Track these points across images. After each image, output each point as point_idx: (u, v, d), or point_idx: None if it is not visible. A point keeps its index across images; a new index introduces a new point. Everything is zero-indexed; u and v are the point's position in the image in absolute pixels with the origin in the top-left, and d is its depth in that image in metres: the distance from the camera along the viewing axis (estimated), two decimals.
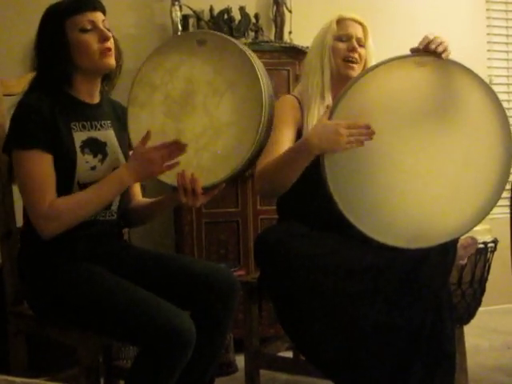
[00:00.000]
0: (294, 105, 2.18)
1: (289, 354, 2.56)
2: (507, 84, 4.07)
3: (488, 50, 3.97)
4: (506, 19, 4.05)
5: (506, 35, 4.05)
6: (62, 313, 1.76)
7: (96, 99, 1.89)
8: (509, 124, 1.88)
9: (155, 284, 1.81)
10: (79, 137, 1.80)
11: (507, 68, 4.06)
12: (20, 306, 1.94)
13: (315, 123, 2.01)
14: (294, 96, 2.22)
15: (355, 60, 2.15)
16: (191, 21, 3.17)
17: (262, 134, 1.73)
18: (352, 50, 2.15)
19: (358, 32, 2.18)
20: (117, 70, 1.89)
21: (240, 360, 2.45)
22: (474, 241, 2.12)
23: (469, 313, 2.25)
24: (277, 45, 3.23)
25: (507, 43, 4.06)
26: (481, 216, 1.89)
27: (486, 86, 1.86)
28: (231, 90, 1.75)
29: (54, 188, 1.74)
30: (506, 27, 4.05)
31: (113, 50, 1.81)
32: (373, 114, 1.82)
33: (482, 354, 2.96)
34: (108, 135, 1.87)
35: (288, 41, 3.30)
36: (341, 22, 2.19)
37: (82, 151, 1.79)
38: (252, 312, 2.25)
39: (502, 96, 3.94)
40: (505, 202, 3.75)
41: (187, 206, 1.78)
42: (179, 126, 1.77)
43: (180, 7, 3.14)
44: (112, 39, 1.81)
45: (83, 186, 1.77)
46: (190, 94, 1.78)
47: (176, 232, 3.20)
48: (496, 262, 2.32)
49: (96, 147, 1.82)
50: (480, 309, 2.31)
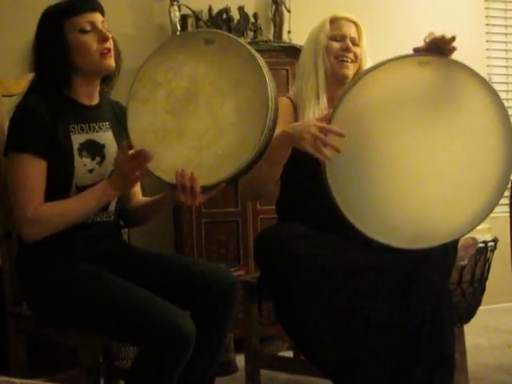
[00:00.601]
0: (287, 108, 2.15)
1: (289, 354, 2.56)
2: (506, 83, 4.07)
3: (487, 49, 3.97)
4: (505, 18, 4.06)
5: (505, 34, 4.05)
6: (62, 313, 1.76)
7: (95, 100, 1.88)
8: (509, 123, 1.87)
9: (155, 284, 1.81)
10: (77, 139, 1.79)
11: (506, 67, 4.07)
12: (19, 307, 1.94)
13: None
14: (289, 98, 2.20)
15: (350, 59, 2.14)
16: (190, 21, 3.17)
17: (266, 136, 1.71)
18: (346, 50, 2.13)
19: (352, 31, 2.17)
20: (116, 71, 1.89)
21: (240, 360, 2.45)
22: (475, 241, 2.12)
23: (469, 312, 2.25)
24: (276, 44, 3.23)
25: (506, 42, 4.06)
26: (482, 216, 1.88)
27: (488, 86, 1.85)
28: (236, 91, 1.73)
29: (42, 193, 1.74)
30: (505, 26, 4.05)
31: (112, 51, 1.81)
32: (374, 114, 1.81)
33: (483, 353, 2.96)
34: (106, 137, 1.87)
35: (287, 40, 3.30)
36: (334, 22, 2.18)
37: (80, 154, 1.78)
38: (252, 311, 2.25)
39: (501, 95, 3.89)
40: (505, 201, 3.76)
41: (185, 205, 1.78)
42: (181, 124, 1.75)
43: (179, 7, 3.15)
44: (111, 40, 1.80)
45: (81, 189, 1.77)
46: (194, 93, 1.75)
47: (175, 232, 3.20)
48: (496, 261, 2.32)
49: (94, 149, 1.82)
50: (480, 308, 2.31)
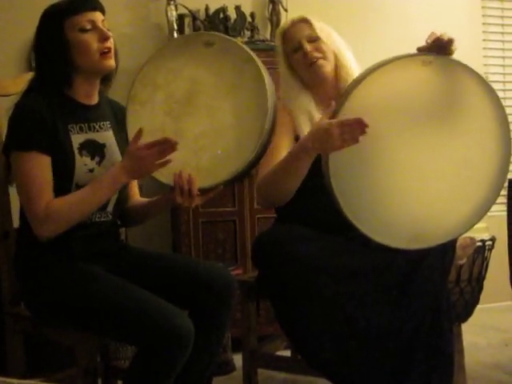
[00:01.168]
0: (287, 120, 2.11)
1: (287, 353, 2.56)
2: (503, 82, 4.07)
3: (484, 48, 3.97)
4: (502, 17, 4.06)
5: (502, 33, 4.06)
6: (59, 313, 1.75)
7: (94, 100, 1.88)
8: (508, 123, 1.88)
9: (153, 283, 1.81)
10: (77, 139, 1.79)
11: (503, 66, 4.07)
12: (17, 307, 1.94)
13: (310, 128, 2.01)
14: (284, 106, 2.15)
15: (315, 58, 2.09)
16: (187, 20, 3.16)
17: (265, 139, 1.71)
18: (306, 56, 2.09)
19: (304, 31, 2.12)
20: (112, 72, 1.89)
21: (238, 359, 2.44)
22: (473, 241, 2.12)
23: (467, 311, 2.25)
24: (273, 44, 3.21)
25: (503, 41, 4.06)
26: (479, 215, 1.88)
27: (487, 86, 1.86)
28: (235, 93, 1.73)
29: (51, 189, 1.73)
30: (502, 25, 4.05)
31: (113, 50, 1.80)
32: (375, 114, 1.81)
33: (480, 352, 2.96)
34: (106, 136, 1.87)
35: None
36: (285, 35, 2.14)
37: (80, 153, 1.78)
38: (250, 311, 2.24)
39: (498, 93, 3.93)
40: (502, 200, 3.76)
41: (182, 207, 1.78)
42: (179, 126, 1.75)
43: (175, 6, 3.14)
44: (112, 39, 1.80)
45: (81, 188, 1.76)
46: (193, 95, 1.76)
47: (173, 231, 3.20)
48: (494, 260, 2.32)
49: (94, 149, 1.82)
50: (478, 306, 2.30)
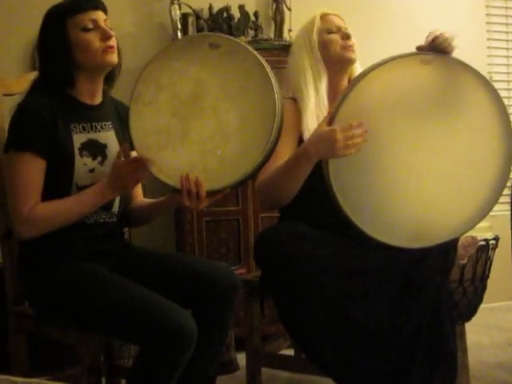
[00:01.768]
0: (293, 110, 2.11)
1: (290, 352, 2.56)
2: (507, 81, 4.07)
3: (488, 47, 3.97)
4: (506, 16, 4.05)
5: (506, 32, 4.05)
6: (63, 312, 1.76)
7: (98, 100, 1.88)
8: (510, 123, 1.87)
9: (156, 283, 1.81)
10: (78, 139, 1.79)
11: (507, 65, 4.06)
12: (21, 306, 1.94)
13: (314, 129, 2.00)
14: (290, 98, 2.16)
15: (353, 46, 2.13)
16: (190, 19, 3.17)
17: (272, 143, 1.70)
18: (347, 38, 2.12)
19: (342, 24, 2.17)
20: (117, 70, 1.89)
21: (241, 358, 2.44)
22: (475, 240, 2.12)
23: (470, 310, 2.25)
24: (276, 43, 3.23)
25: (507, 40, 4.05)
26: (482, 214, 1.89)
27: (488, 85, 1.85)
28: (243, 96, 1.72)
29: (39, 193, 1.74)
30: (506, 24, 4.05)
31: (115, 48, 1.81)
32: (376, 114, 1.81)
33: (484, 351, 2.96)
34: (108, 137, 1.87)
35: (288, 39, 3.28)
36: (324, 17, 2.17)
37: (81, 153, 1.78)
38: (253, 310, 2.24)
39: (502, 93, 3.93)
40: (505, 199, 3.75)
41: (189, 208, 1.77)
42: (185, 127, 1.74)
43: (179, 6, 3.14)
44: (114, 38, 1.80)
45: (82, 189, 1.77)
46: (199, 97, 1.74)
47: (176, 231, 3.20)
48: (497, 260, 2.32)
49: (95, 149, 1.82)
50: (481, 306, 2.30)
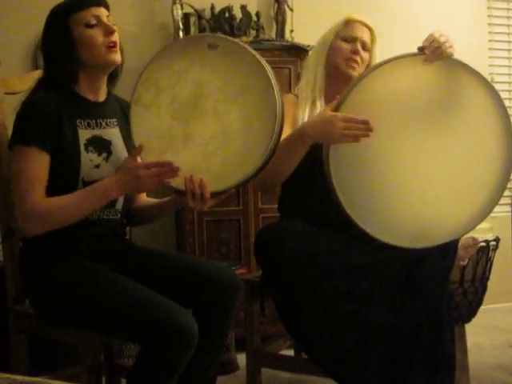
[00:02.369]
0: (293, 103, 2.15)
1: (290, 352, 2.56)
2: (509, 82, 4.07)
3: (489, 49, 3.97)
4: (508, 17, 4.05)
5: (508, 33, 4.05)
6: (64, 311, 1.76)
7: (102, 97, 1.89)
8: (510, 124, 1.88)
9: (157, 282, 1.81)
10: (84, 135, 1.80)
11: (509, 66, 4.06)
12: (21, 305, 1.94)
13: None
14: (294, 94, 2.21)
15: (356, 62, 2.13)
16: (192, 19, 3.16)
17: (274, 143, 1.70)
18: (355, 53, 2.13)
19: (365, 35, 2.16)
20: (119, 68, 1.89)
21: (241, 358, 2.44)
22: (475, 241, 2.12)
23: (470, 311, 2.25)
24: (278, 43, 3.23)
25: (509, 41, 4.06)
26: (482, 216, 1.89)
27: (489, 85, 1.86)
28: (244, 97, 1.72)
29: (43, 187, 1.73)
30: (508, 25, 4.05)
31: (118, 45, 1.81)
32: (377, 112, 1.82)
33: (484, 353, 2.96)
34: (113, 133, 1.87)
35: (289, 39, 3.29)
36: (349, 23, 2.18)
37: (86, 149, 1.79)
38: (253, 310, 2.24)
39: (504, 94, 3.94)
40: (506, 201, 3.76)
41: (193, 210, 1.77)
42: (187, 130, 1.74)
43: (181, 6, 3.14)
44: (117, 33, 1.80)
45: (88, 184, 1.76)
46: (199, 99, 1.74)
47: (177, 230, 3.20)
48: (498, 261, 2.32)
49: (100, 145, 1.82)
50: (482, 307, 2.30)
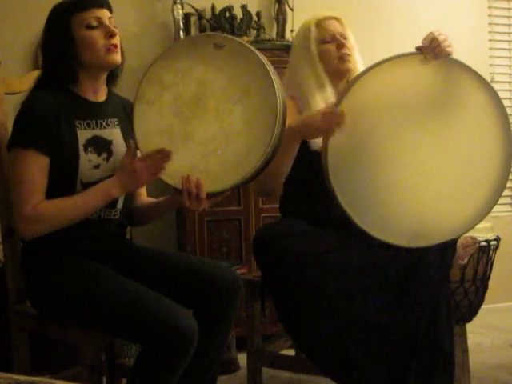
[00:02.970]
0: (292, 110, 2.11)
1: (291, 352, 2.56)
2: (509, 82, 4.07)
3: (490, 49, 3.97)
4: (509, 17, 4.05)
5: (508, 33, 4.05)
6: (65, 311, 1.76)
7: (102, 97, 1.89)
8: (509, 123, 1.88)
9: (157, 282, 1.81)
10: (83, 135, 1.79)
11: (509, 66, 4.06)
12: (23, 305, 1.94)
13: None
14: (292, 97, 2.17)
15: (347, 54, 2.17)
16: (193, 19, 3.17)
17: (273, 146, 1.70)
18: (341, 47, 2.17)
19: (337, 27, 2.21)
20: (119, 68, 1.89)
21: (242, 358, 2.45)
22: (474, 240, 2.12)
23: (471, 311, 2.25)
24: (278, 43, 3.23)
25: (509, 41, 4.06)
26: (481, 215, 1.89)
27: (488, 85, 1.86)
28: (246, 98, 1.72)
29: (43, 190, 1.73)
30: (509, 25, 4.05)
31: (119, 47, 1.81)
32: (376, 111, 1.82)
33: (485, 352, 2.96)
34: (114, 133, 1.87)
35: (290, 39, 3.29)
36: (319, 25, 2.21)
37: (86, 150, 1.78)
38: (254, 310, 2.25)
39: (504, 94, 3.94)
40: (507, 201, 3.76)
41: (190, 210, 1.78)
42: (188, 128, 1.74)
43: (182, 5, 3.15)
44: (118, 36, 1.81)
45: (86, 185, 1.77)
46: (202, 98, 1.74)
47: (178, 230, 3.21)
48: (498, 260, 2.32)
49: (100, 146, 1.82)
50: (482, 307, 2.30)
